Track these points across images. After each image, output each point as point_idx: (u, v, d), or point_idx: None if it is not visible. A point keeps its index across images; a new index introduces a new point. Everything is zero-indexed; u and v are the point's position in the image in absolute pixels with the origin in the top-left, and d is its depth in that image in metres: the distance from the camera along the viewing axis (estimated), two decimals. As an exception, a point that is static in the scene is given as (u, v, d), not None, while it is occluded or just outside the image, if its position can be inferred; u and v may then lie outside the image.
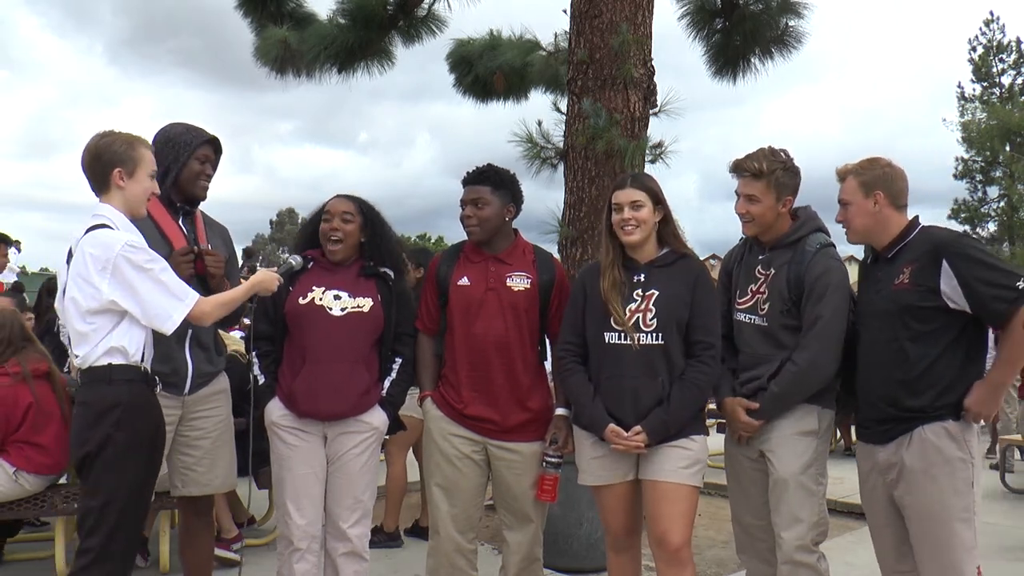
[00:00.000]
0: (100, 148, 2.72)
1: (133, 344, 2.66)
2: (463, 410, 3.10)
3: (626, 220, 2.92)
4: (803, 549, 2.87)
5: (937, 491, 2.66)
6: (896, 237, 2.83)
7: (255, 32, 6.79)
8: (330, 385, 3.08)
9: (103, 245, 2.59)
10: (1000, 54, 38.74)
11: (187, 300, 2.66)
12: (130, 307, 2.61)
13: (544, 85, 7.35)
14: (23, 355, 4.13)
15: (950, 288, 2.65)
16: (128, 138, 2.76)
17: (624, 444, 2.85)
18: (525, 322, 3.11)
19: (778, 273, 2.98)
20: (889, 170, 2.87)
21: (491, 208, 3.11)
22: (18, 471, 4.00)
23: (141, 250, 2.63)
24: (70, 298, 2.64)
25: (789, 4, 6.23)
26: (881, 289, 2.82)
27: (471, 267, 3.15)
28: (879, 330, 2.81)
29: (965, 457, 2.68)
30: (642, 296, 2.92)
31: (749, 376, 3.01)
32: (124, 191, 2.73)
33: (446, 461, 3.11)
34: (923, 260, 2.71)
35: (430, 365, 3.23)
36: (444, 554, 3.12)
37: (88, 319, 2.62)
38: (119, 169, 2.71)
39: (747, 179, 2.98)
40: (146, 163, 2.76)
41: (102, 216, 2.69)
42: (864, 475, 2.94)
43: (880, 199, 2.82)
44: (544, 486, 3.07)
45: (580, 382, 2.98)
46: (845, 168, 2.93)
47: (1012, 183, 34.37)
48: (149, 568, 4.42)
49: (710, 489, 6.31)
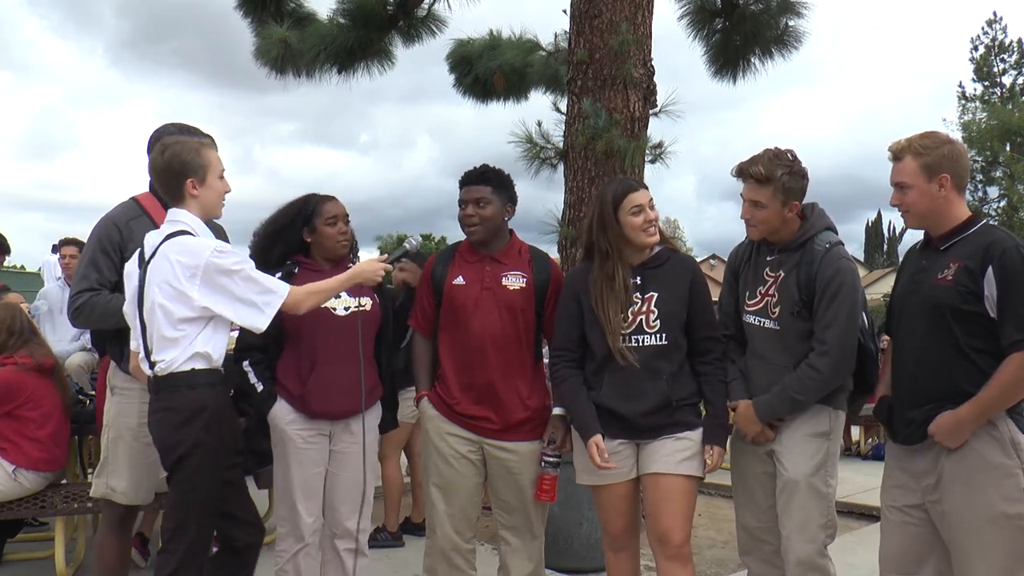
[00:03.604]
0: (169, 160, 2.75)
1: (216, 350, 2.71)
2: (459, 409, 3.10)
3: (651, 221, 2.92)
4: (814, 551, 2.83)
5: (981, 500, 2.49)
6: (954, 228, 2.61)
7: (255, 32, 6.80)
8: (343, 385, 3.10)
9: (191, 252, 2.63)
10: (1002, 54, 38.76)
11: (280, 291, 2.71)
12: (223, 311, 2.66)
13: (544, 85, 7.36)
14: (32, 347, 4.18)
15: (991, 294, 2.48)
16: (193, 145, 2.79)
17: (599, 464, 2.85)
18: (521, 321, 3.10)
19: (788, 276, 2.90)
20: (951, 148, 2.61)
21: (493, 207, 3.11)
22: (17, 468, 4.01)
23: (229, 253, 2.68)
24: (158, 304, 2.65)
25: (789, 4, 6.24)
26: (923, 280, 2.64)
27: (467, 267, 3.15)
28: (913, 324, 2.66)
29: (1013, 463, 2.49)
30: (642, 298, 2.92)
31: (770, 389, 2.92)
32: (198, 198, 2.77)
33: (443, 461, 3.11)
34: (973, 260, 2.51)
35: (426, 365, 3.22)
36: (441, 554, 3.12)
37: (179, 326, 2.65)
38: (191, 179, 2.75)
39: (752, 184, 2.87)
40: (215, 165, 2.80)
41: (180, 222, 2.73)
42: (889, 474, 2.80)
43: (946, 183, 2.58)
44: (543, 486, 3.06)
45: (574, 387, 2.98)
46: (900, 145, 2.65)
47: (1012, 183, 34.33)
48: (149, 568, 4.42)
49: (710, 489, 6.31)
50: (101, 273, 3.01)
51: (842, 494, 5.94)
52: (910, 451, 2.70)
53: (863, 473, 7.00)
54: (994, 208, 36.25)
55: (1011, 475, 2.50)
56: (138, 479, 3.08)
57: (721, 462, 2.93)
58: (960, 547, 2.56)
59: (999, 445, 2.51)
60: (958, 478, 2.54)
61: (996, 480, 2.50)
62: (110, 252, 3.03)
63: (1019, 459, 2.51)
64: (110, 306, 2.97)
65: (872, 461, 7.98)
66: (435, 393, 3.17)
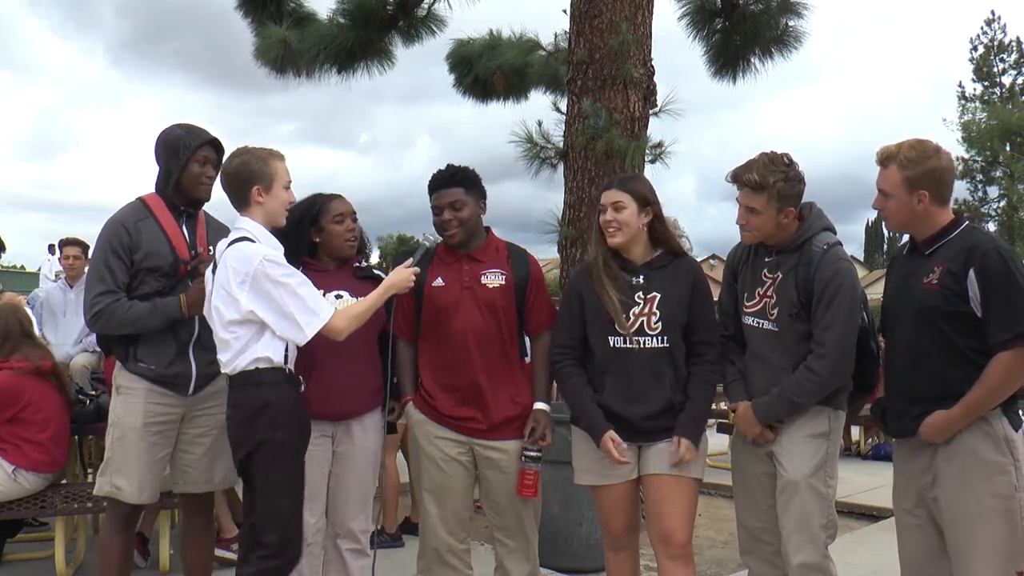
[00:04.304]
0: (238, 168, 2.85)
1: (277, 354, 2.77)
2: (446, 411, 3.08)
3: (608, 222, 2.93)
4: (814, 552, 2.83)
5: (973, 496, 2.52)
6: (936, 233, 2.65)
7: (255, 32, 6.80)
8: (345, 386, 3.10)
9: (243, 259, 2.72)
10: (1001, 54, 38.80)
11: (322, 315, 2.75)
12: (267, 318, 2.72)
13: (544, 85, 7.36)
14: (27, 350, 4.16)
15: (975, 295, 2.52)
16: (262, 154, 2.88)
17: (617, 459, 2.85)
18: (503, 319, 3.09)
19: (786, 277, 2.89)
20: (937, 163, 2.62)
21: (468, 208, 3.08)
22: (17, 469, 4.01)
23: (279, 264, 2.74)
24: (214, 307, 2.79)
25: (789, 4, 6.23)
26: (911, 284, 2.68)
27: (444, 268, 3.13)
28: (904, 327, 2.70)
29: (1006, 460, 2.52)
30: (644, 299, 2.92)
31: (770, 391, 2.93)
32: (263, 206, 2.86)
33: (432, 464, 3.11)
34: (956, 262, 2.56)
35: (410, 370, 3.20)
36: (436, 554, 3.11)
37: (230, 329, 2.75)
38: (257, 186, 2.84)
39: (746, 191, 2.86)
40: (281, 176, 2.88)
41: (244, 229, 2.82)
42: (896, 476, 2.83)
43: (924, 198, 2.61)
44: (525, 481, 3.03)
45: (578, 385, 2.98)
46: (888, 152, 2.67)
47: (1012, 183, 34.35)
48: (149, 568, 4.42)
49: (710, 489, 6.31)
50: (115, 275, 3.02)
51: (842, 494, 5.95)
52: (910, 451, 2.72)
53: (863, 473, 7.01)
54: (994, 208, 36.29)
55: (1004, 472, 2.53)
56: (143, 478, 3.08)
57: (689, 456, 2.87)
58: (954, 542, 2.59)
59: (992, 442, 2.55)
60: (952, 474, 2.58)
61: (988, 476, 2.53)
62: (120, 254, 3.04)
63: (1012, 456, 2.54)
64: (128, 315, 3.00)
65: (872, 461, 7.99)
66: (420, 397, 3.16)
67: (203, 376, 3.14)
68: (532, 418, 3.09)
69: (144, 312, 3.01)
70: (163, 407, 3.10)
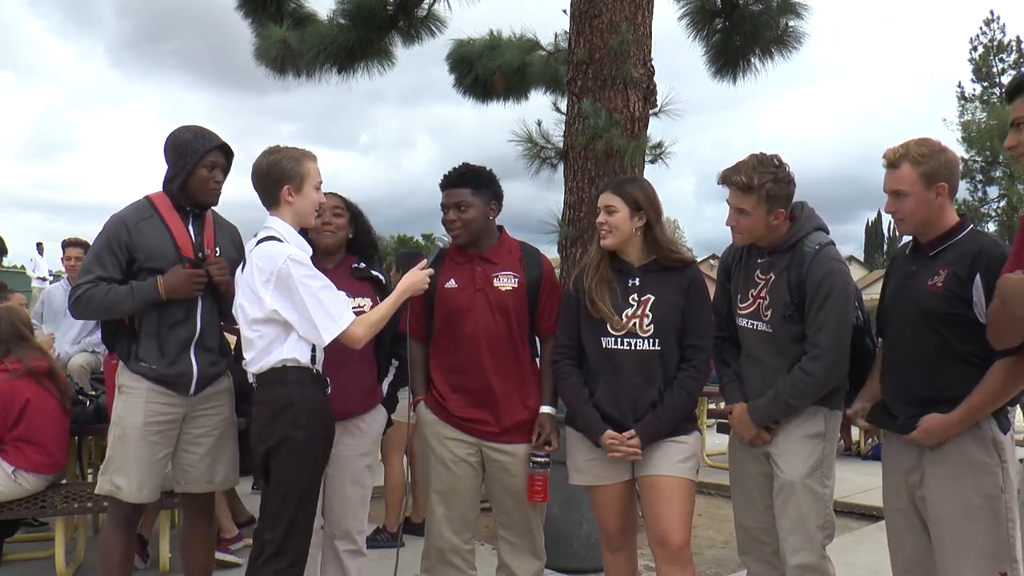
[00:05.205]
0: (269, 166, 2.86)
1: (304, 355, 2.78)
2: (456, 412, 3.09)
3: (600, 224, 2.95)
4: (812, 552, 2.83)
5: (959, 495, 2.53)
6: (943, 234, 2.63)
7: (255, 33, 6.80)
8: (339, 387, 3.09)
9: (268, 257, 2.73)
10: (1000, 53, 38.84)
11: (340, 321, 2.75)
12: (289, 317, 2.73)
13: (544, 85, 7.35)
14: (21, 352, 4.14)
15: (980, 301, 2.49)
16: (294, 154, 2.89)
17: (622, 451, 2.85)
18: (515, 321, 3.08)
19: (778, 278, 2.88)
20: (949, 156, 2.61)
21: (474, 209, 3.07)
22: (16, 470, 4.01)
23: (303, 265, 2.75)
24: (238, 305, 2.82)
25: (789, 4, 6.23)
26: (913, 285, 2.66)
27: (457, 269, 3.12)
28: (903, 327, 2.69)
29: (993, 461, 2.53)
30: (638, 301, 2.91)
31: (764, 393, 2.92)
32: (293, 205, 2.87)
33: (442, 465, 3.10)
34: (961, 266, 2.54)
35: (422, 369, 3.20)
36: (440, 554, 3.11)
37: (254, 327, 2.77)
38: (288, 186, 2.85)
39: (736, 192, 2.85)
40: (312, 177, 2.90)
41: (272, 229, 2.84)
42: (884, 476, 2.84)
43: (943, 191, 2.59)
44: (535, 486, 3.04)
45: (575, 385, 2.98)
46: (897, 153, 2.63)
47: (1012, 183, 34.38)
48: (149, 568, 4.42)
49: (710, 489, 6.31)
50: (105, 269, 3.02)
51: (842, 494, 5.96)
52: (899, 449, 2.72)
53: (863, 473, 7.00)
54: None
55: (991, 472, 2.54)
56: (142, 477, 3.08)
57: (635, 454, 2.87)
58: (939, 541, 2.59)
59: (981, 443, 2.55)
60: (940, 473, 2.58)
61: (975, 476, 2.54)
62: (116, 251, 3.04)
63: (999, 457, 2.54)
64: (107, 298, 2.99)
65: (872, 461, 7.96)
66: (431, 397, 3.16)
67: (204, 376, 3.13)
68: (538, 423, 3.10)
69: (122, 295, 3.00)
70: (164, 407, 3.09)
